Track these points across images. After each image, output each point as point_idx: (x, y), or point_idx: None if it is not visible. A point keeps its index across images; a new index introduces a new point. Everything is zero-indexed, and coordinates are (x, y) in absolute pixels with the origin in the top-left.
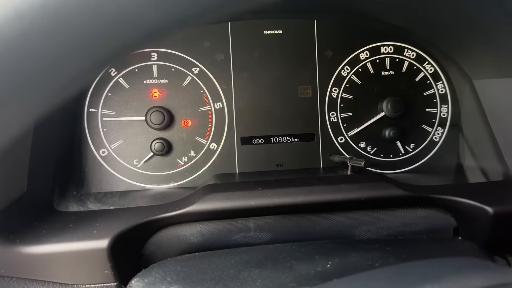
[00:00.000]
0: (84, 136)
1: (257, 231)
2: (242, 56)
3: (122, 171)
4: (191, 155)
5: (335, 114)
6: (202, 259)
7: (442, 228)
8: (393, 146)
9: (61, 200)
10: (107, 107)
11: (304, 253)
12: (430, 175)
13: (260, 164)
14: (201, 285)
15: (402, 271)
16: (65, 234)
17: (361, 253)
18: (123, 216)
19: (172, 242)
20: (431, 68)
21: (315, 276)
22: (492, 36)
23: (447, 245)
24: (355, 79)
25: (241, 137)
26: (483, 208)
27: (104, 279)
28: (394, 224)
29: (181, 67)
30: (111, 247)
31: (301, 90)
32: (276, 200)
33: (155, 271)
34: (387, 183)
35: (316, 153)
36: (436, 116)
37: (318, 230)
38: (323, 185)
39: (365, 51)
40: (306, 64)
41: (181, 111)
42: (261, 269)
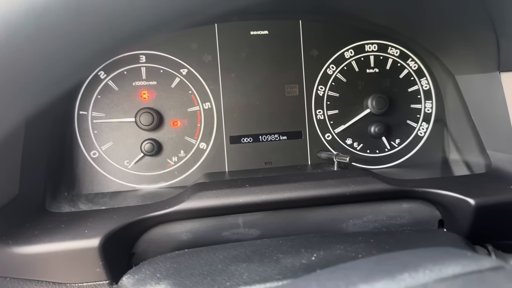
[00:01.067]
0: (75, 138)
1: (246, 227)
2: (230, 57)
3: (113, 172)
4: (181, 155)
5: (321, 112)
6: (191, 255)
7: (427, 221)
8: (379, 142)
9: (53, 202)
10: (97, 109)
11: (291, 247)
12: (416, 170)
13: (249, 162)
14: (190, 280)
15: (382, 261)
16: (57, 234)
17: (345, 246)
18: (114, 216)
19: (163, 240)
20: (415, 65)
21: (300, 268)
22: (472, 32)
23: (430, 237)
24: (341, 77)
25: (230, 136)
26: (465, 200)
27: (96, 277)
28: (380, 218)
29: (170, 68)
30: (102, 245)
31: (288, 89)
32: (264, 196)
33: (145, 268)
34: (372, 178)
35: (304, 151)
36: (420, 111)
37: (306, 225)
38: (309, 181)
39: (349, 50)
40: (292, 63)
41: (170, 112)
42: (248, 263)
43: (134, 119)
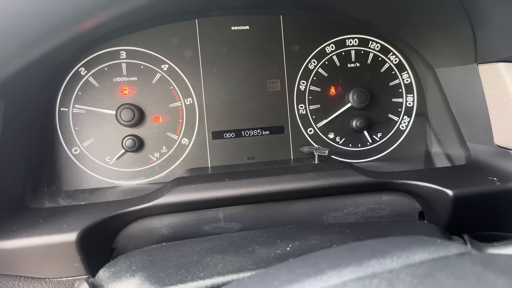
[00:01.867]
0: (56, 135)
1: (227, 221)
2: (211, 52)
3: (95, 168)
4: (163, 151)
5: (303, 107)
6: (168, 248)
7: (407, 213)
8: (360, 136)
9: (33, 197)
10: (78, 105)
11: (267, 238)
12: (398, 163)
13: (232, 158)
14: (164, 272)
15: (353, 249)
16: (35, 229)
17: (321, 236)
18: (92, 211)
19: (143, 235)
20: (396, 59)
21: (274, 258)
22: (448, 25)
23: (406, 227)
24: (322, 72)
25: (212, 131)
26: (444, 191)
27: (75, 272)
28: (360, 210)
29: (150, 64)
30: (79, 240)
31: (270, 84)
32: (243, 190)
33: (122, 261)
34: (350, 170)
35: (287, 145)
36: (402, 105)
37: (287, 218)
38: (289, 174)
39: (331, 44)
40: (274, 58)
41: (151, 107)
42: (224, 255)
43: (115, 115)
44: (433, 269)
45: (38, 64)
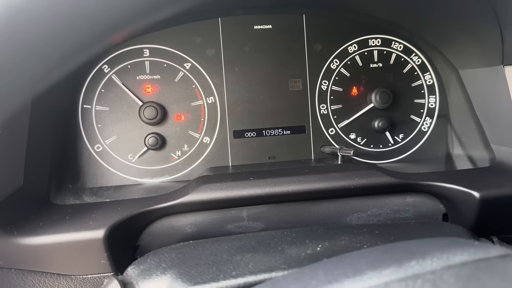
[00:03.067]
0: (79, 132)
1: (251, 220)
2: (233, 51)
3: (117, 165)
4: (184, 149)
5: (325, 106)
6: (196, 246)
7: (431, 215)
8: (382, 137)
9: (58, 194)
10: (101, 103)
11: (295, 238)
12: (420, 164)
13: (252, 157)
14: (195, 270)
15: (389, 250)
16: (62, 226)
17: (350, 237)
18: (119, 208)
19: (167, 232)
20: (418, 59)
21: (305, 258)
22: (475, 26)
23: (434, 229)
24: (344, 72)
25: (234, 130)
26: (470, 193)
27: (101, 269)
28: (384, 211)
29: (173, 62)
30: (107, 237)
31: (292, 84)
32: (268, 189)
33: (151, 258)
34: (376, 171)
35: (308, 145)
36: (424, 106)
37: (310, 218)
38: (314, 174)
39: (353, 44)
40: (296, 57)
41: (174, 106)
42: (253, 254)
43: (138, 113)
44: (476, 271)
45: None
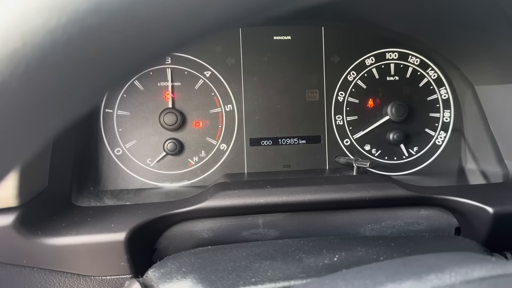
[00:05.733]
0: (100, 136)
1: (266, 228)
2: (252, 61)
3: (136, 169)
4: (202, 155)
5: (341, 117)
6: (214, 251)
7: (444, 228)
8: (397, 149)
9: (79, 196)
10: (122, 108)
11: (312, 247)
12: (433, 177)
13: (268, 165)
14: (215, 275)
15: (407, 262)
16: (84, 227)
17: (367, 248)
18: (139, 211)
19: (184, 237)
20: (434, 74)
21: (323, 268)
22: (493, 44)
23: (449, 243)
24: (361, 84)
25: (250, 138)
26: (484, 208)
27: (120, 271)
28: (398, 223)
29: (194, 70)
30: (128, 239)
31: (309, 94)
32: (284, 198)
33: (171, 262)
34: (391, 183)
35: (323, 155)
36: (439, 120)
37: (325, 227)
38: (330, 185)
39: (370, 57)
40: (313, 69)
41: (193, 112)
42: (272, 261)
43: (158, 119)
44: (495, 286)
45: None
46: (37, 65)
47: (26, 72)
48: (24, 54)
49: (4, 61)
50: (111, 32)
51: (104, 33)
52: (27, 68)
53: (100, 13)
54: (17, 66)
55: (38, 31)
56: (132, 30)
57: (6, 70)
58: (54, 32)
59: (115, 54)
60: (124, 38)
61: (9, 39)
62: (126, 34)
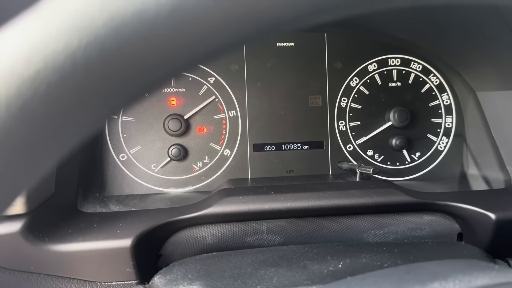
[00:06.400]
0: (105, 142)
1: (270, 233)
2: (256, 67)
3: (141, 175)
4: (205, 161)
5: (344, 123)
6: (220, 258)
7: (446, 234)
8: (399, 155)
9: (85, 202)
10: (127, 114)
11: (317, 254)
12: (435, 183)
13: (271, 170)
14: (221, 282)
15: (411, 270)
16: (90, 234)
17: (371, 255)
18: (145, 217)
19: (189, 243)
20: (437, 80)
21: (327, 275)
22: (495, 51)
23: (452, 249)
24: (364, 90)
25: (254, 144)
26: (486, 214)
27: (126, 277)
28: (401, 229)
29: (198, 76)
30: (134, 246)
31: (312, 100)
32: (288, 204)
33: (176, 269)
34: (394, 190)
35: (325, 160)
36: (441, 126)
37: (328, 233)
38: (333, 191)
39: (373, 63)
40: (316, 75)
41: (197, 118)
42: (277, 268)
43: (163, 125)
44: None
45: None
46: (58, 85)
47: (47, 92)
48: (46, 76)
49: (27, 82)
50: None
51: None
52: (48, 89)
53: (118, 36)
54: (39, 87)
55: (59, 54)
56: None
57: (28, 91)
58: (74, 54)
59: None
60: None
61: (31, 62)
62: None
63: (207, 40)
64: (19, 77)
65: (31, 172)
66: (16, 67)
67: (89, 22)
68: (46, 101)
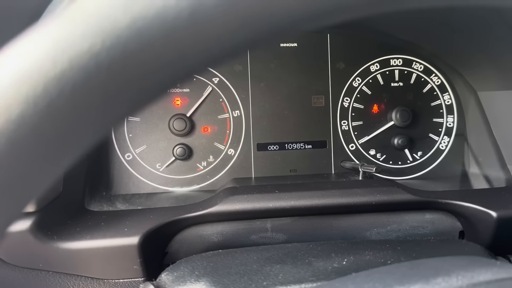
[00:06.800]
0: (111, 141)
1: (274, 231)
2: (259, 67)
3: (146, 174)
4: (210, 160)
5: (346, 123)
6: (226, 255)
7: (448, 232)
8: (401, 154)
9: (92, 201)
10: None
11: (321, 251)
12: (437, 182)
13: (275, 169)
14: (228, 278)
15: (415, 266)
16: (98, 232)
17: (374, 252)
18: (151, 216)
19: (194, 241)
20: (438, 80)
21: (332, 271)
22: (496, 51)
23: (454, 246)
24: (366, 90)
25: (257, 143)
26: (487, 212)
27: (133, 275)
28: (403, 227)
29: (202, 77)
30: (141, 243)
31: (315, 100)
32: (292, 202)
33: (183, 266)
34: (397, 188)
35: (328, 160)
36: (442, 125)
37: (332, 231)
38: (336, 189)
39: (375, 63)
40: (319, 75)
41: (201, 118)
42: (282, 265)
43: (168, 125)
44: None
45: None
46: (82, 85)
47: (72, 92)
48: (71, 76)
49: (53, 82)
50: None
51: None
52: (74, 88)
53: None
54: (64, 87)
55: (83, 55)
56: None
57: (54, 90)
58: (98, 55)
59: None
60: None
61: (57, 62)
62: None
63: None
64: (46, 77)
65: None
66: (43, 67)
67: (112, 24)
68: (71, 100)
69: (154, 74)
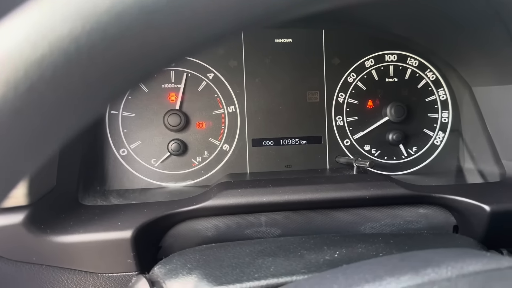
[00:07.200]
0: (106, 137)
1: (268, 226)
2: (254, 63)
3: (141, 169)
4: (205, 155)
5: (341, 118)
6: (218, 249)
7: (442, 226)
8: (396, 149)
9: (86, 195)
10: (127, 109)
11: (313, 244)
12: (431, 177)
13: (269, 165)
14: (220, 271)
15: (405, 258)
16: (91, 225)
17: (366, 245)
18: (145, 210)
19: (188, 235)
20: (433, 75)
21: (324, 263)
22: (490, 46)
23: (446, 240)
24: (361, 85)
25: (252, 139)
26: (481, 206)
27: (126, 268)
28: (397, 222)
29: (197, 72)
30: (134, 237)
31: (309, 95)
32: (286, 197)
33: (176, 259)
34: (390, 183)
35: (323, 155)
36: (437, 121)
37: (325, 226)
38: (330, 184)
39: (370, 59)
40: (314, 70)
41: (196, 114)
42: (274, 258)
43: (162, 120)
44: (488, 280)
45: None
46: (63, 69)
47: (53, 76)
48: (52, 60)
49: (33, 66)
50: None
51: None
52: (54, 72)
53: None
54: (45, 71)
55: (64, 39)
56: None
57: (35, 74)
58: (78, 39)
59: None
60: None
61: (37, 46)
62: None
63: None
64: (26, 61)
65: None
66: (24, 51)
67: (92, 9)
68: (52, 84)
69: (135, 59)
